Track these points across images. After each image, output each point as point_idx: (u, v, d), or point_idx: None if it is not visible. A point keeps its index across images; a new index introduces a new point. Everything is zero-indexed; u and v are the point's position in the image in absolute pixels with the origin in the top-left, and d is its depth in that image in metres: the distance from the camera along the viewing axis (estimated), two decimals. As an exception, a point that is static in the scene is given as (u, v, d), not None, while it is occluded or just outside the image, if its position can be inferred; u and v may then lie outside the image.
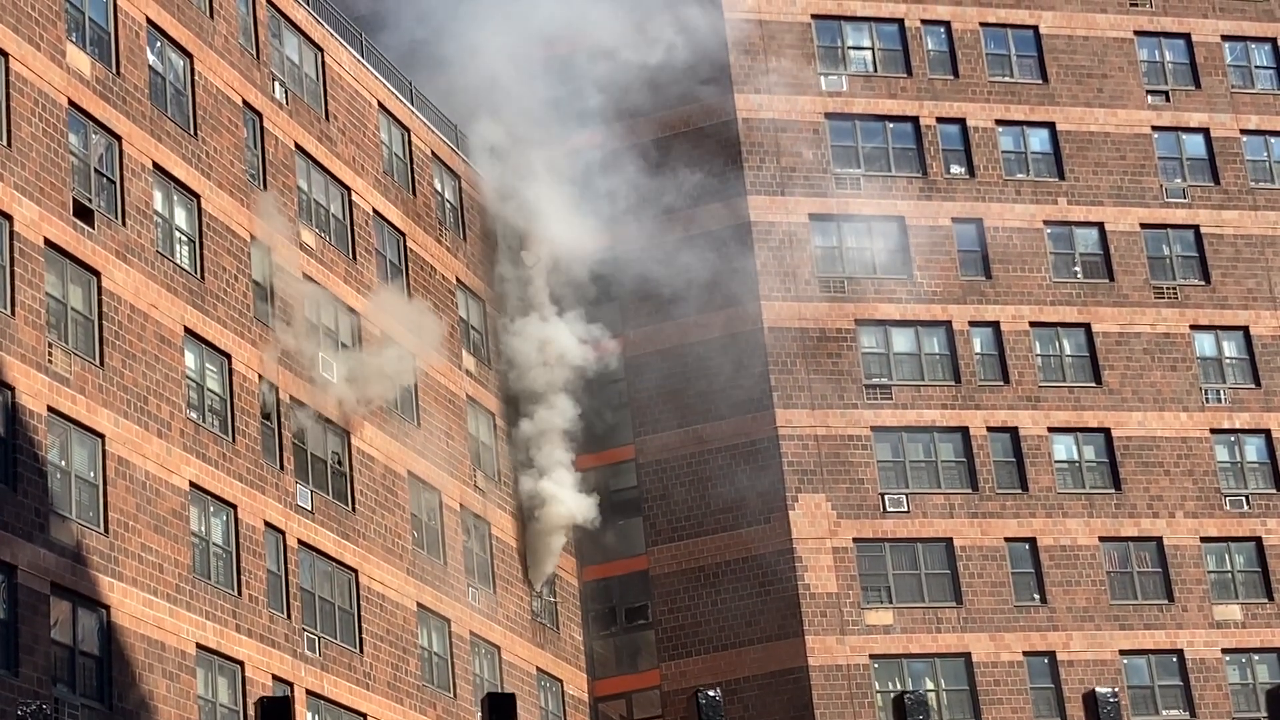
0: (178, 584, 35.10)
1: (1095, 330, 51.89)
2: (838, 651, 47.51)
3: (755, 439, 49.21)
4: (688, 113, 52.00)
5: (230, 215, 39.10)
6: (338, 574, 40.25)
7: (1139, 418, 51.31)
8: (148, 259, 36.32)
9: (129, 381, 35.07)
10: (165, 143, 37.49)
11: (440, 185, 48.26)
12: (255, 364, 38.83)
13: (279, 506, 38.60)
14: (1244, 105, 55.19)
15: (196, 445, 36.54)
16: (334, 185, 43.43)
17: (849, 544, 48.49)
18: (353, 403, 41.81)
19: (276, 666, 37.30)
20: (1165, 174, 54.03)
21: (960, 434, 50.17)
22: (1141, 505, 50.53)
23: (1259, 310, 53.14)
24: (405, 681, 41.45)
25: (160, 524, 35.00)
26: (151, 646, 34.05)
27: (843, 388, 49.82)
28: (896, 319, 50.79)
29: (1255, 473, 51.75)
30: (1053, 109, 53.70)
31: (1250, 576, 50.75)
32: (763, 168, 51.32)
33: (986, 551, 49.17)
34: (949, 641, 48.29)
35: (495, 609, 45.84)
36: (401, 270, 45.47)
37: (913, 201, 51.84)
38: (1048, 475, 50.23)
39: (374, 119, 45.66)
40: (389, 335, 43.93)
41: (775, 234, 50.81)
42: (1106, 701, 7.04)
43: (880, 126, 52.55)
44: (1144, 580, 50.13)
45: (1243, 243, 53.80)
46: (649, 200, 51.34)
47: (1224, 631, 49.86)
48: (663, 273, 50.89)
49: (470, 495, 45.95)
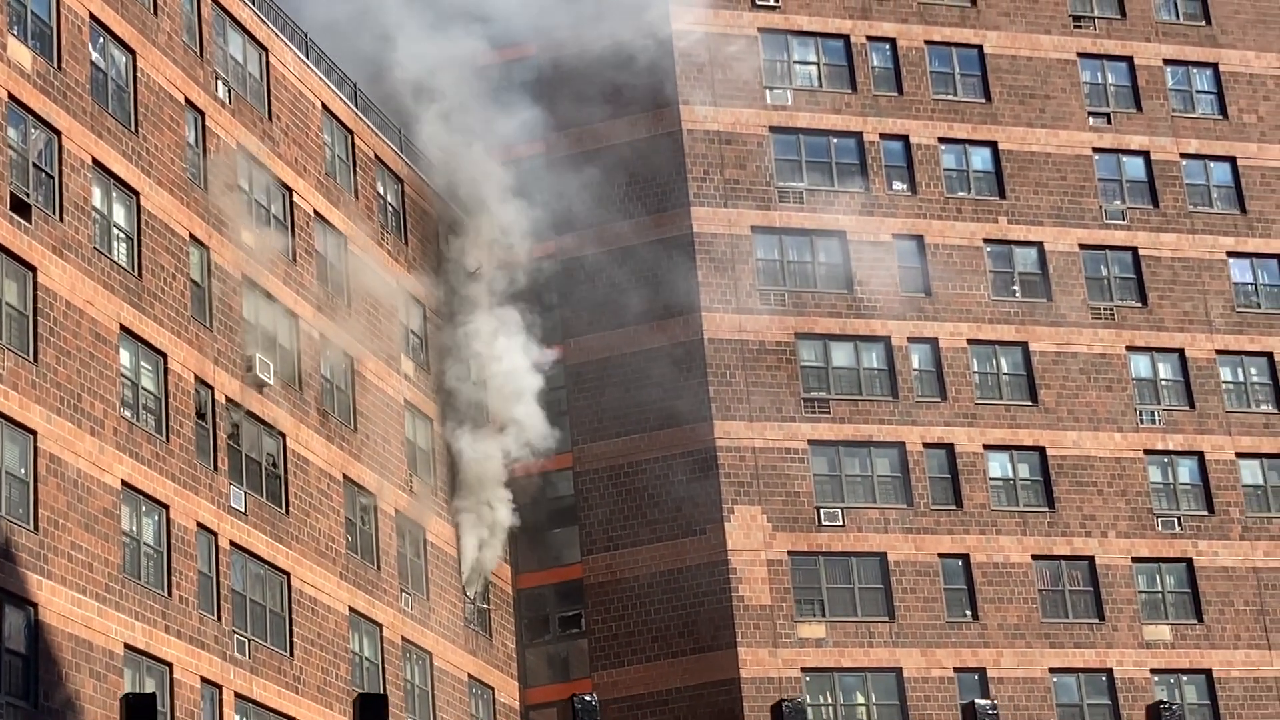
0: (107, 583, 34.84)
1: (1032, 349, 52.20)
2: (770, 664, 47.59)
3: (693, 450, 49.27)
4: (633, 123, 52.05)
5: (169, 213, 38.88)
6: (270, 576, 40.05)
7: (1074, 437, 51.63)
8: (85, 255, 36.07)
9: (62, 378, 34.81)
10: (106, 139, 37.25)
11: (383, 188, 48.13)
12: (191, 364, 38.62)
13: (212, 507, 38.38)
14: (1184, 129, 55.66)
15: (130, 444, 36.30)
16: (275, 186, 43.24)
17: (784, 557, 48.59)
18: (289, 405, 41.63)
19: (205, 668, 37.07)
20: (1105, 195, 54.42)
21: (897, 449, 50.37)
22: (1074, 524, 50.84)
23: (1194, 333, 53.57)
24: (335, 686, 41.27)
25: (91, 522, 34.75)
26: (79, 646, 33.79)
27: (781, 401, 49.95)
28: (836, 333, 50.95)
29: (1187, 494, 52.15)
30: (995, 128, 54.01)
31: (1180, 597, 51.12)
32: (707, 179, 51.41)
33: (920, 567, 49.36)
34: (881, 656, 48.44)
35: (428, 615, 45.70)
36: (342, 273, 45.29)
37: (855, 217, 52.04)
38: (982, 492, 50.48)
39: (317, 120, 45.50)
40: (327, 337, 43.77)
41: (718, 246, 50.91)
42: (985, 713, 6.97)
43: (824, 141, 52.73)
44: (1075, 599, 50.43)
45: (1180, 265, 54.24)
46: (591, 209, 51.35)
47: (1153, 652, 50.20)
48: (604, 282, 50.89)
49: (406, 501, 45.81)
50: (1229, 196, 55.39)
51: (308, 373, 42.75)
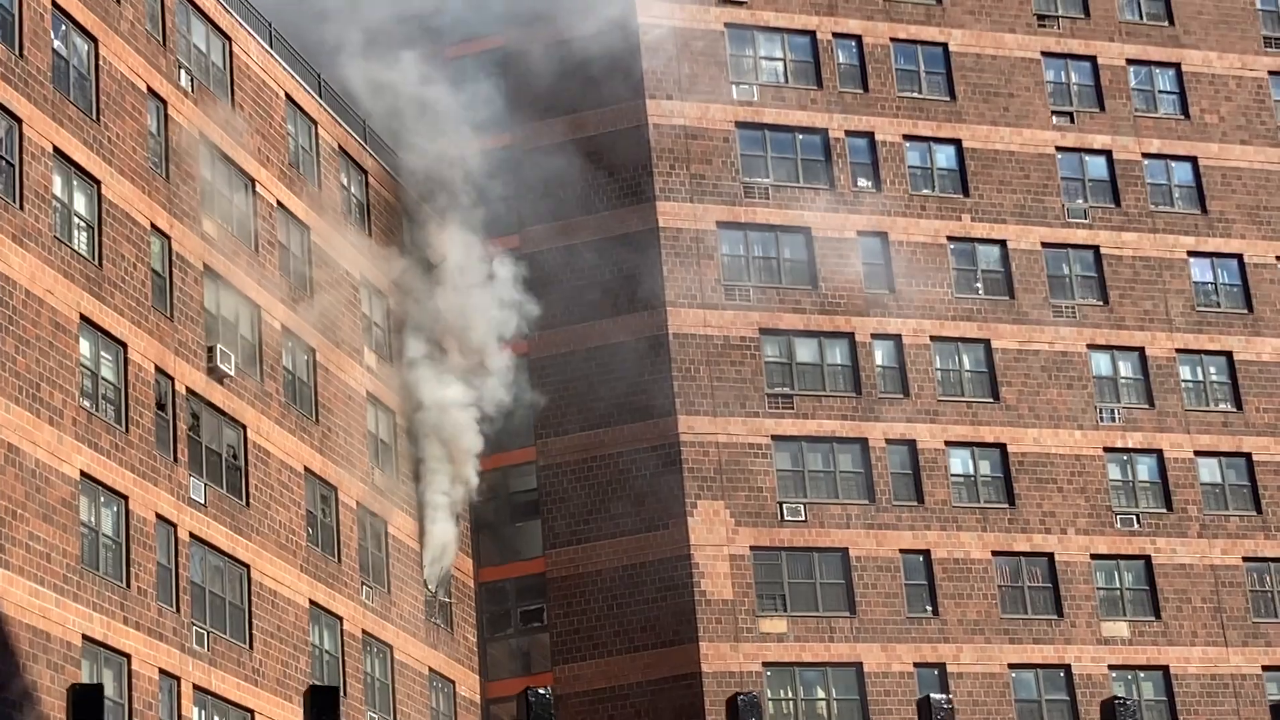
0: (65, 574, 34.73)
1: (994, 346, 52.37)
2: (731, 659, 47.67)
3: (656, 445, 49.32)
4: (598, 117, 52.05)
5: (131, 202, 38.75)
6: (229, 569, 39.96)
7: (1034, 434, 51.83)
8: (45, 244, 35.94)
9: (21, 368, 34.68)
10: (67, 127, 37.11)
11: (346, 180, 48.04)
12: (152, 354, 38.50)
13: (171, 499, 38.28)
14: (1146, 129, 55.88)
15: (89, 434, 36.18)
16: (238, 176, 43.13)
17: (746, 551, 48.67)
18: (250, 396, 41.54)
19: (164, 660, 36.98)
20: (1067, 194, 54.62)
21: (859, 445, 50.49)
22: (1034, 521, 51.03)
23: (1155, 331, 53.81)
24: (294, 679, 41.19)
25: (49, 513, 34.62)
26: (37, 636, 33.67)
27: (745, 396, 50.02)
28: (800, 329, 51.05)
29: (1146, 492, 52.38)
30: (959, 126, 54.16)
31: (1138, 594, 51.36)
32: (672, 174, 51.44)
33: (881, 562, 49.49)
34: (841, 651, 48.56)
35: (389, 608, 45.66)
36: (304, 264, 45.21)
37: (820, 213, 52.13)
38: (943, 489, 50.63)
39: (281, 110, 45.39)
40: (289, 329, 43.67)
41: (683, 240, 50.95)
42: (940, 708, 7.03)
43: (790, 137, 52.81)
44: (1034, 595, 50.62)
45: (1141, 264, 54.46)
46: (557, 203, 51.34)
47: (1111, 648, 50.42)
48: (569, 276, 50.89)
49: (367, 493, 45.75)
50: (1190, 196, 55.65)
51: (269, 364, 42.65)
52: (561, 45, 52.10)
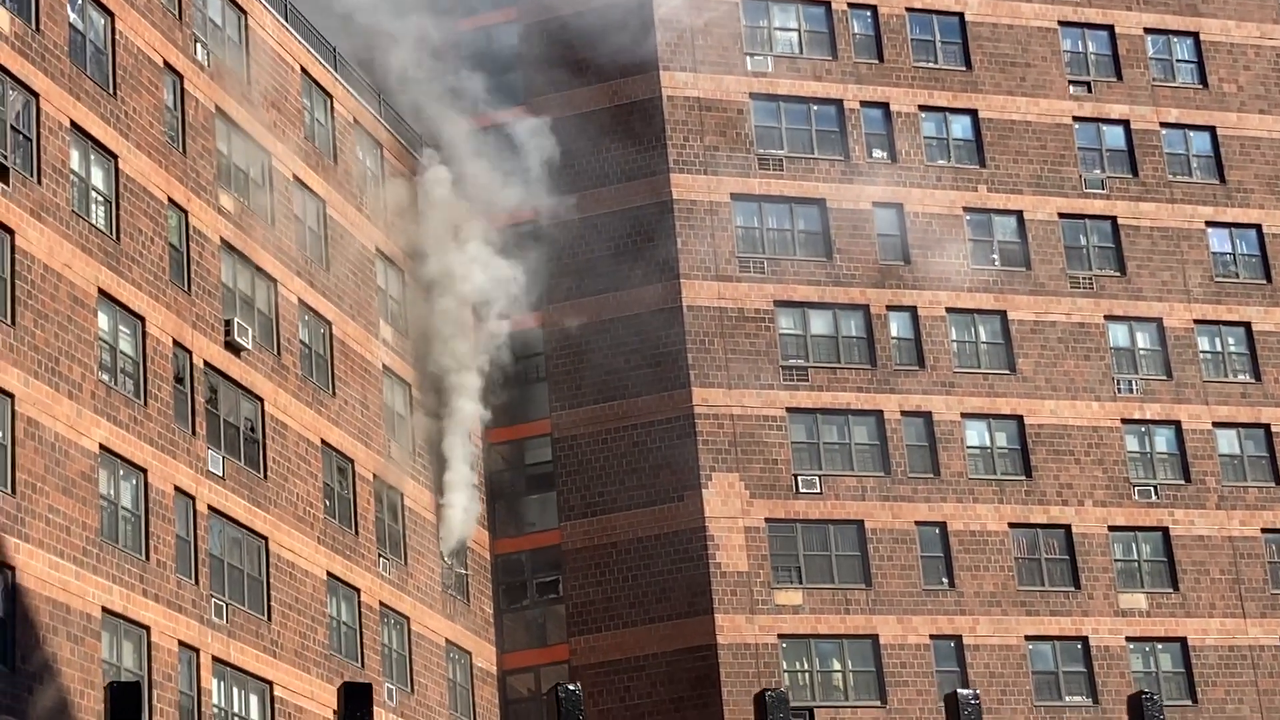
0: (85, 547, 34.79)
1: (1011, 318, 52.26)
2: (746, 630, 47.71)
3: (671, 417, 49.29)
4: (613, 89, 51.93)
5: (148, 177, 38.72)
6: (247, 541, 40.03)
7: (1051, 406, 51.75)
8: (63, 218, 35.92)
9: (40, 342, 34.70)
10: (84, 101, 37.06)
11: (362, 153, 47.97)
12: (169, 328, 38.51)
13: (190, 472, 38.32)
14: (1164, 98, 55.68)
15: (107, 408, 36.21)
16: (254, 150, 43.07)
17: (761, 524, 48.67)
18: (267, 369, 41.56)
19: (183, 632, 37.05)
20: (1085, 164, 54.45)
21: (875, 417, 50.43)
22: (1051, 493, 50.98)
23: (1173, 302, 53.66)
24: (313, 650, 41.29)
25: (69, 486, 34.67)
26: (57, 609, 33.74)
27: (759, 368, 49.98)
28: (815, 301, 50.97)
29: (1164, 463, 52.30)
30: (975, 96, 53.98)
31: (1156, 566, 51.32)
32: (686, 146, 51.33)
33: (897, 534, 49.48)
34: (857, 623, 48.57)
35: (405, 580, 45.73)
36: (320, 237, 45.18)
37: (834, 184, 52.01)
38: (960, 460, 50.58)
39: (296, 84, 45.31)
40: (306, 302, 43.68)
41: (697, 212, 50.86)
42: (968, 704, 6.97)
43: (804, 109, 52.66)
44: (1051, 567, 50.60)
45: (1159, 235, 54.32)
46: (571, 175, 51.26)
47: (1129, 620, 50.40)
48: (583, 248, 50.83)
49: (384, 465, 45.79)
50: (1208, 166, 55.46)
51: (286, 337, 42.66)
52: (576, 17, 51.95)
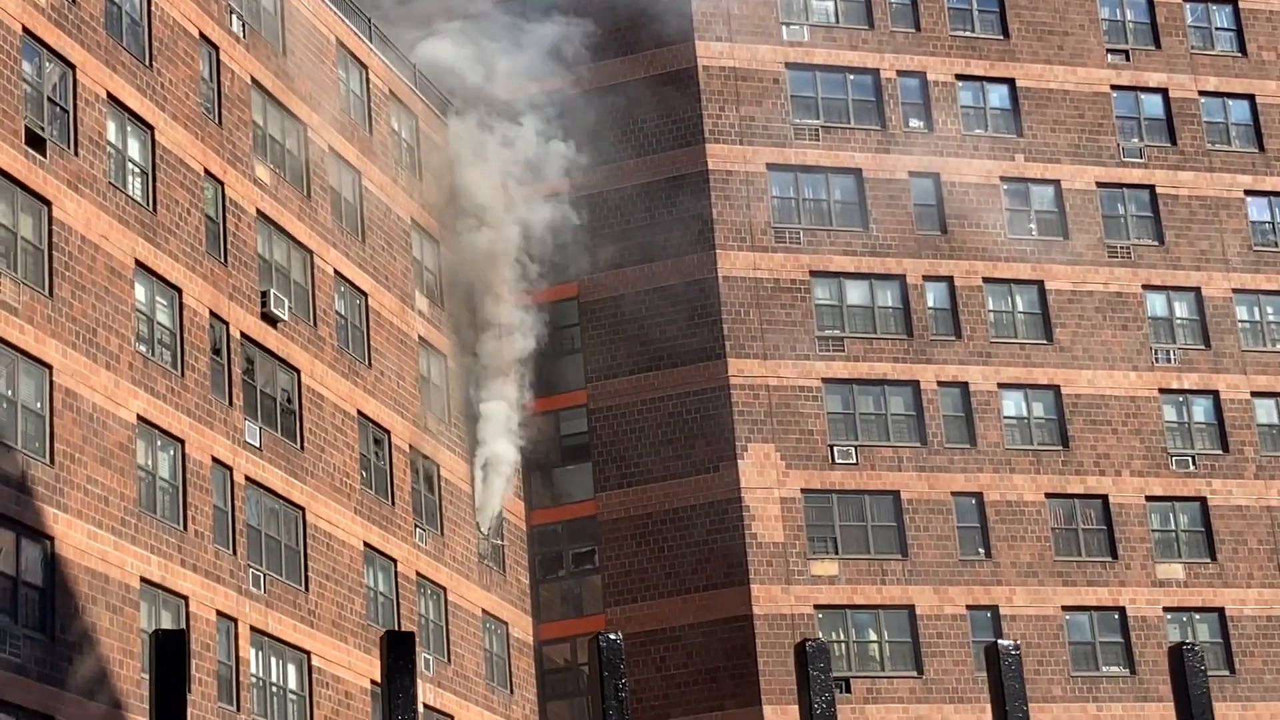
0: (123, 517, 34.96)
1: (1048, 287, 52.05)
2: (782, 601, 47.71)
3: (707, 388, 49.26)
4: (648, 59, 51.81)
5: (184, 148, 38.81)
6: (285, 511, 40.17)
7: (1089, 376, 51.55)
8: (100, 190, 36.03)
9: (78, 313, 34.84)
10: (120, 73, 37.15)
11: (397, 124, 47.98)
12: (206, 299, 38.62)
13: (227, 442, 38.46)
14: (1203, 67, 55.30)
15: (145, 379, 36.35)
16: (290, 121, 43.12)
17: (797, 494, 48.63)
18: (304, 340, 41.66)
19: (221, 602, 37.23)
20: (1122, 133, 54.13)
21: (911, 387, 50.31)
22: (1088, 463, 50.81)
23: (1211, 272, 53.38)
24: (350, 620, 41.44)
25: (107, 456, 34.84)
26: (95, 579, 33.93)
27: (795, 339, 49.89)
28: (851, 271, 50.83)
29: (1202, 433, 52.08)
30: (1013, 65, 53.71)
31: (1194, 536, 51.13)
32: (722, 116, 51.19)
33: (933, 505, 49.39)
34: (893, 594, 48.54)
35: (442, 550, 45.85)
36: (356, 209, 45.25)
37: (870, 154, 51.83)
38: (996, 431, 50.44)
39: (331, 56, 45.33)
40: (342, 273, 43.76)
41: (732, 183, 50.75)
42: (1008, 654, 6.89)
43: (840, 78, 52.46)
44: (1088, 537, 50.46)
45: (1197, 204, 54.00)
46: (606, 145, 51.18)
47: (1166, 590, 50.24)
48: (619, 219, 50.77)
49: (420, 436, 45.89)
50: (1247, 134, 55.08)
51: (322, 308, 42.75)
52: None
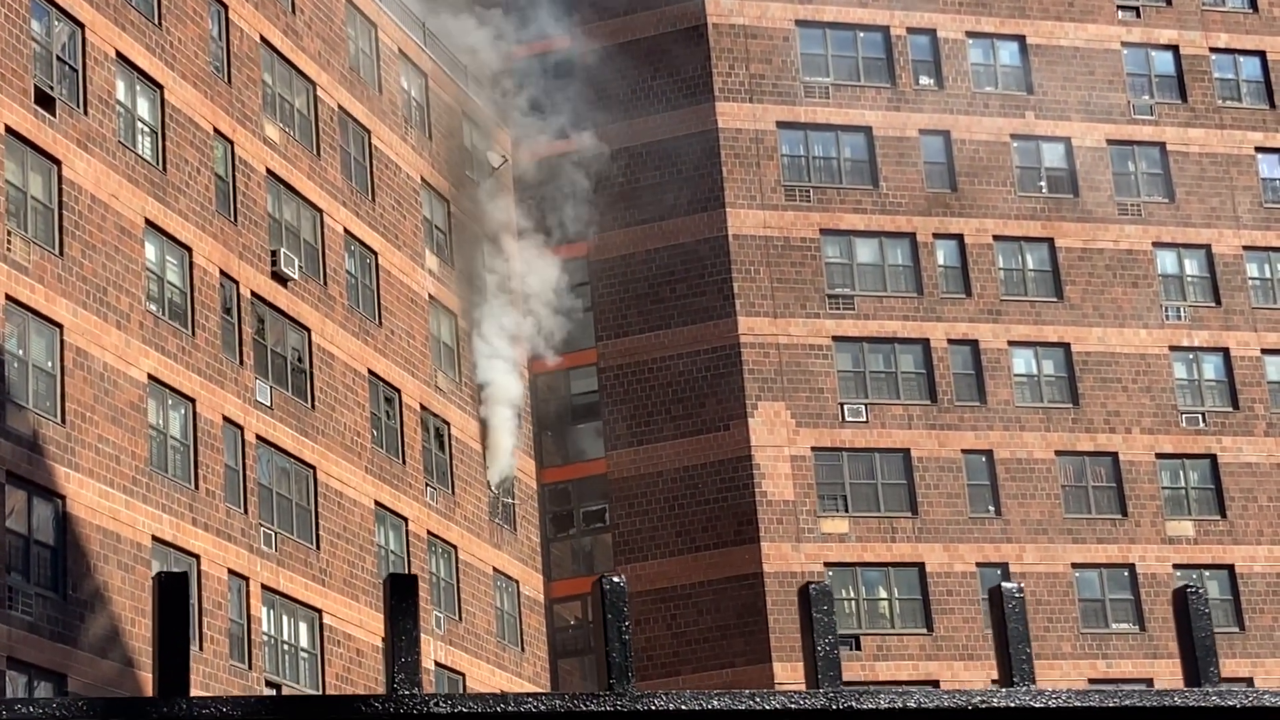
0: (134, 476, 35.07)
1: (1058, 245, 51.96)
2: (793, 559, 47.79)
3: (717, 346, 49.27)
4: (658, 16, 51.67)
5: (193, 107, 38.79)
6: (296, 470, 40.27)
7: (1099, 333, 51.50)
8: (109, 149, 36.04)
9: (88, 272, 34.88)
10: (129, 32, 37.10)
11: (406, 83, 47.91)
12: (216, 258, 38.66)
13: (238, 402, 38.54)
14: (1214, 23, 55.07)
15: (155, 338, 36.42)
16: (299, 80, 43.08)
17: (807, 452, 48.67)
18: (314, 299, 41.70)
19: (233, 561, 37.37)
20: (1133, 90, 53.95)
21: (921, 345, 50.30)
22: (1098, 420, 50.80)
23: (1221, 229, 53.27)
24: (361, 579, 41.58)
25: (118, 416, 34.93)
26: (107, 538, 34.06)
27: (805, 297, 49.86)
28: (861, 229, 50.78)
29: (1212, 391, 52.03)
30: (1023, 22, 53.52)
31: (1204, 494, 51.14)
32: (732, 74, 51.07)
33: (943, 463, 49.41)
34: (903, 551, 48.62)
35: (453, 509, 45.97)
36: (366, 168, 45.22)
37: (881, 112, 51.70)
38: (1006, 389, 50.43)
39: (341, 14, 45.24)
40: (352, 232, 43.77)
41: (742, 141, 50.65)
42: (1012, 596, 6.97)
43: (851, 36, 52.29)
44: (1098, 495, 50.48)
45: (1208, 161, 53.83)
46: (616, 104, 51.10)
47: (1176, 547, 50.30)
48: (629, 177, 50.72)
49: (430, 395, 45.96)
50: (1258, 91, 54.87)
51: (332, 268, 42.78)
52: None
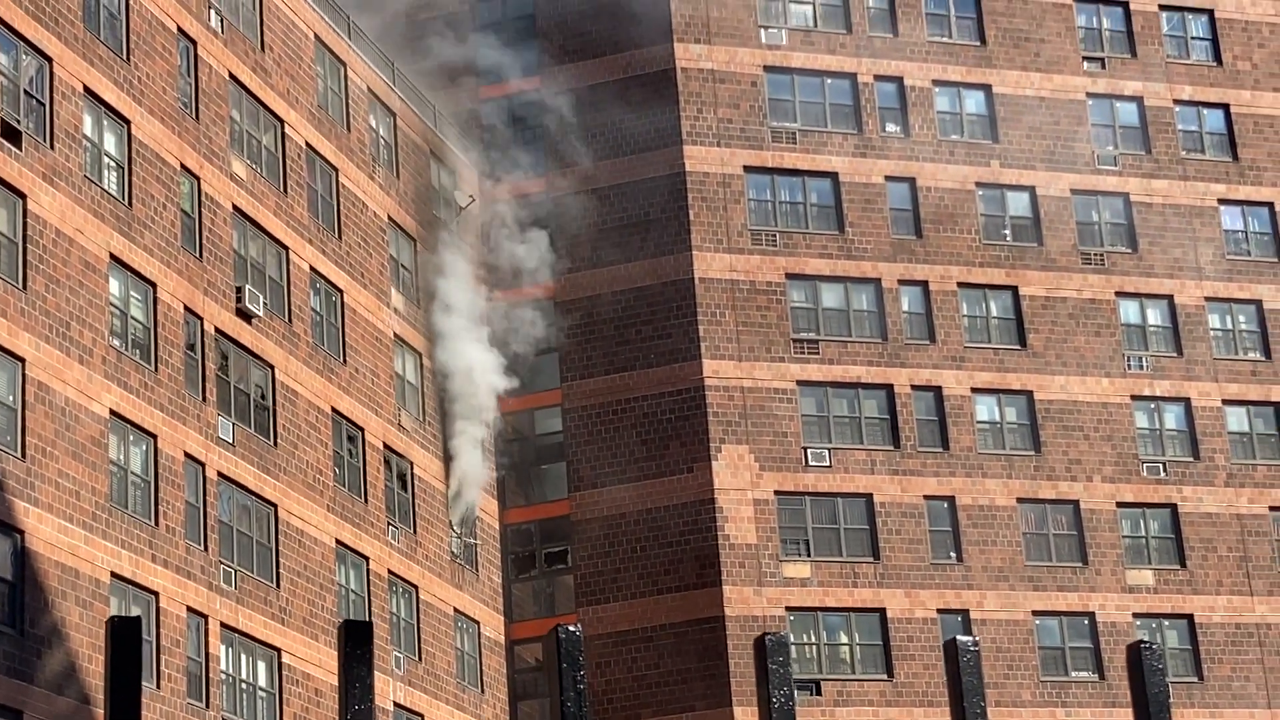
0: (94, 512, 34.92)
1: (1022, 293, 52.23)
2: (754, 603, 47.80)
3: (682, 389, 49.35)
4: (627, 60, 51.89)
5: (161, 143, 38.77)
6: (257, 508, 40.14)
7: (1061, 381, 51.74)
8: (75, 183, 35.99)
9: (51, 306, 34.79)
10: (97, 67, 37.10)
11: (374, 122, 47.99)
12: (181, 294, 38.59)
13: (200, 438, 38.43)
14: (1178, 75, 55.54)
15: (118, 373, 36.31)
16: (267, 117, 43.11)
17: (770, 496, 48.74)
18: (278, 336, 41.62)
19: (191, 598, 37.20)
20: (1098, 140, 54.35)
21: (885, 391, 50.46)
22: (1060, 468, 51.00)
23: (1184, 280, 53.61)
24: (321, 618, 41.42)
25: (79, 451, 34.79)
26: (66, 574, 33.88)
27: (770, 341, 50.00)
28: (826, 274, 50.97)
29: (1173, 440, 52.30)
30: (989, 71, 53.90)
31: (1164, 543, 51.34)
32: (700, 118, 51.29)
33: (906, 508, 49.53)
34: (865, 596, 48.67)
35: (414, 548, 45.85)
36: (332, 205, 45.23)
37: (847, 158, 51.96)
38: (969, 435, 50.60)
39: (310, 52, 45.32)
40: (317, 270, 43.74)
41: (709, 184, 50.84)
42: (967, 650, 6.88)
43: (818, 82, 52.59)
44: (1059, 542, 50.63)
45: (1171, 212, 54.22)
46: (584, 146, 51.24)
47: (1136, 596, 50.46)
48: (596, 219, 50.84)
49: (394, 434, 45.88)
50: (1221, 143, 55.33)
51: (297, 305, 42.73)
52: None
